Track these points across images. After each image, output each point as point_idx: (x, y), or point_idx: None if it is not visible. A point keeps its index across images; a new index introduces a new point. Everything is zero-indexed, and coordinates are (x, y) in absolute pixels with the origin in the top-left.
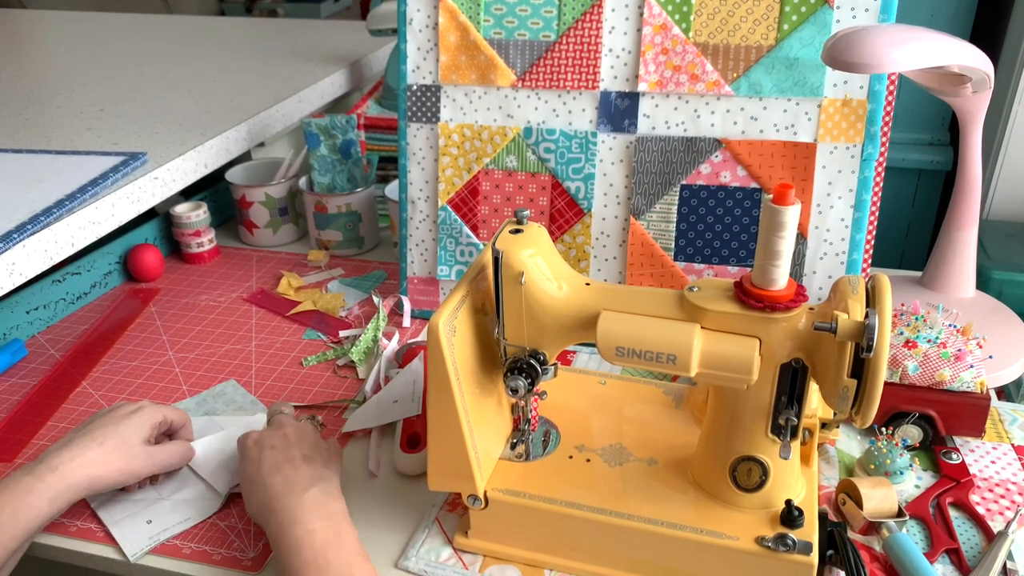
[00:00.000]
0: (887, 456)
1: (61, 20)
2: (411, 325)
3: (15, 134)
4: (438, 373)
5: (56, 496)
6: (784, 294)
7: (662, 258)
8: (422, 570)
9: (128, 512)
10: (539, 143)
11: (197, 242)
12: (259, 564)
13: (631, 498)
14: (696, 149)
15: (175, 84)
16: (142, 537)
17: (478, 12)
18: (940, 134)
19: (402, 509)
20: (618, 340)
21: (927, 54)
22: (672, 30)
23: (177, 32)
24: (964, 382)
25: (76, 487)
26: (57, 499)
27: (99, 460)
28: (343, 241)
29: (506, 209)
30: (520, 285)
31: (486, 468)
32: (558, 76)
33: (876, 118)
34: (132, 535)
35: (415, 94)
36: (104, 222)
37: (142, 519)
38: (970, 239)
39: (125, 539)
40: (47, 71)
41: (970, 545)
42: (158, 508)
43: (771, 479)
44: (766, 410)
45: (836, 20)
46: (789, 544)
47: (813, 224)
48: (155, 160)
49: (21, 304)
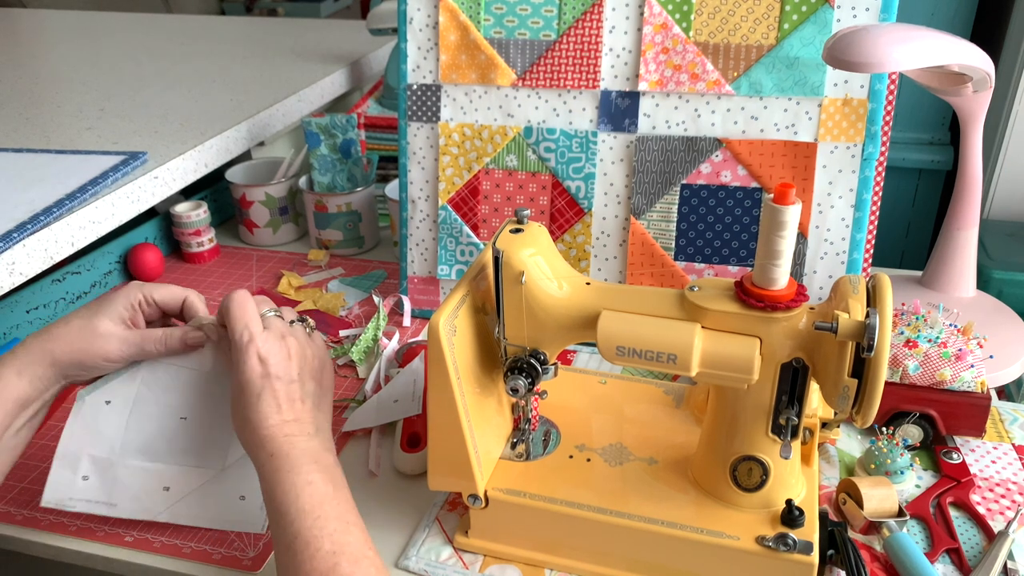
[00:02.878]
0: (888, 456)
1: (61, 19)
2: (411, 325)
3: (15, 133)
4: (438, 373)
5: (23, 369)
6: (785, 294)
7: (662, 258)
8: (422, 570)
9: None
10: (539, 142)
11: (197, 241)
12: (259, 564)
13: (631, 498)
14: (696, 148)
15: (175, 83)
16: (64, 490)
17: (478, 11)
18: (940, 134)
19: (402, 509)
20: (618, 340)
21: (928, 53)
22: (672, 29)
23: (177, 31)
24: (965, 382)
25: (40, 360)
26: (24, 372)
27: (59, 335)
28: (343, 240)
29: (506, 209)
30: (520, 285)
31: (486, 468)
32: (558, 75)
33: (876, 117)
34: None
35: (415, 93)
36: (104, 221)
37: (83, 470)
38: (970, 239)
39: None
40: (47, 70)
41: (971, 545)
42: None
43: (771, 479)
44: (766, 410)
45: (837, 19)
46: (789, 544)
47: (813, 224)
48: (155, 159)
49: (21, 304)
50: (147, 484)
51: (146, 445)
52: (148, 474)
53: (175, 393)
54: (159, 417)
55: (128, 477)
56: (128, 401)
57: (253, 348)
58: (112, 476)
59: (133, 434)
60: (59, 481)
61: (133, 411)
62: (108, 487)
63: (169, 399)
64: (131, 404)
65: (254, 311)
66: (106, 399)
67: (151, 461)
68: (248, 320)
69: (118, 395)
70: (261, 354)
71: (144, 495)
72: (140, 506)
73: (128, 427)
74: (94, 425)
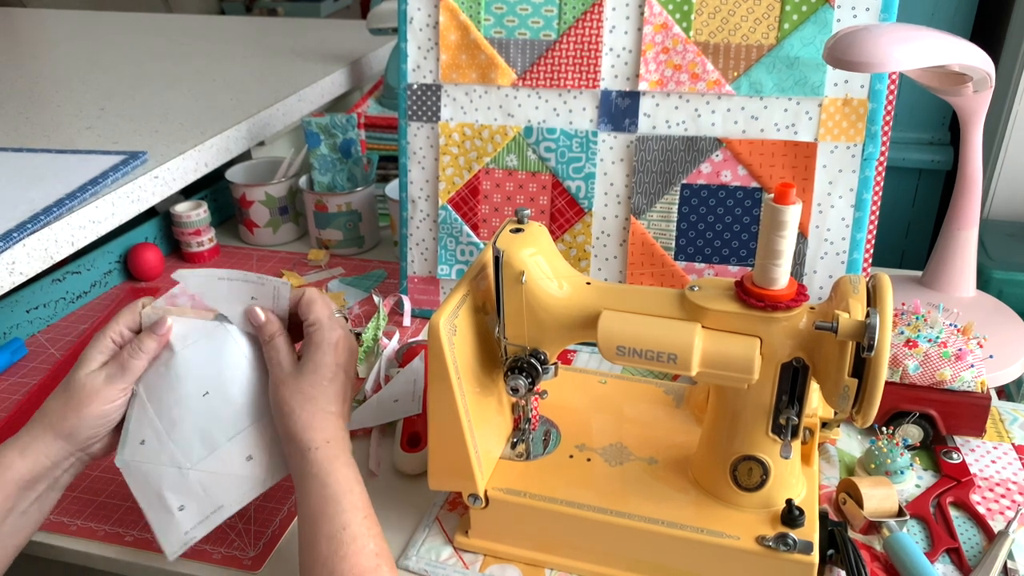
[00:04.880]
0: (888, 455)
1: (61, 19)
2: (411, 324)
3: (15, 133)
4: (438, 372)
5: (26, 447)
6: (785, 293)
7: (663, 257)
8: (423, 569)
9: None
10: (539, 142)
11: (197, 241)
12: (259, 564)
13: (631, 497)
14: (697, 148)
15: (175, 83)
16: (177, 531)
17: (478, 11)
18: (941, 133)
19: (402, 508)
20: (619, 339)
21: (928, 53)
22: (673, 29)
23: (177, 31)
24: (965, 381)
25: (42, 436)
26: (28, 450)
27: (52, 407)
28: (343, 240)
29: (506, 208)
30: (521, 284)
31: (486, 467)
32: (559, 75)
33: (877, 117)
34: (169, 530)
35: (415, 93)
36: (104, 221)
37: (175, 503)
38: (971, 238)
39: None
40: (47, 70)
41: (971, 545)
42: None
43: (772, 478)
44: (767, 409)
45: (837, 19)
46: (790, 543)
47: (814, 223)
48: (155, 159)
49: (21, 303)
50: (227, 468)
51: (200, 436)
52: (221, 460)
53: (188, 380)
54: (188, 408)
55: (207, 477)
56: (150, 419)
57: (340, 337)
58: (196, 485)
59: (178, 436)
60: (165, 528)
61: (162, 420)
62: (202, 497)
63: (186, 388)
64: (155, 418)
65: None
66: (141, 439)
67: (213, 449)
68: (332, 311)
69: (141, 424)
70: (344, 345)
71: (231, 478)
72: (241, 488)
73: (168, 434)
74: (146, 460)
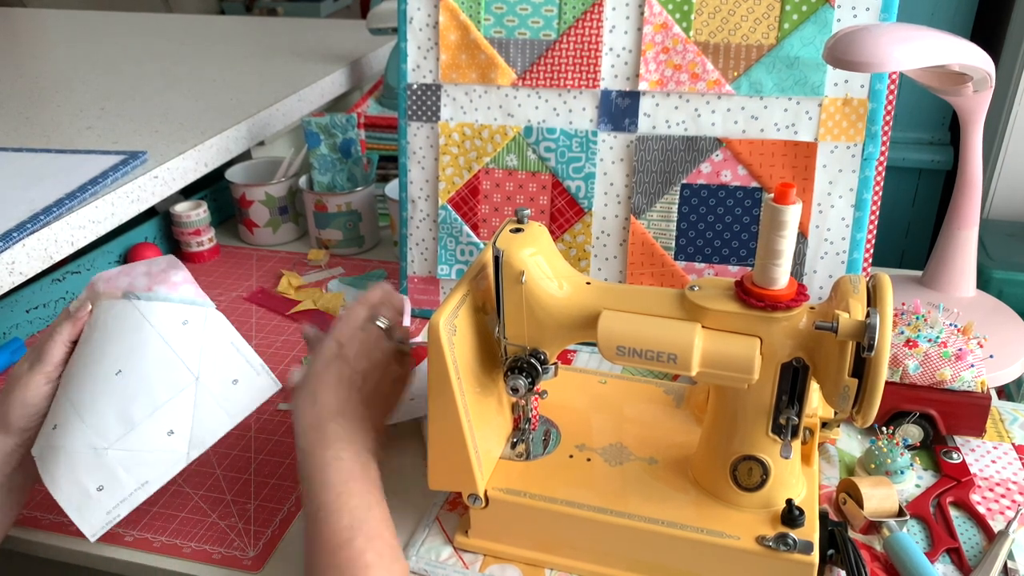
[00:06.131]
0: (888, 455)
1: (61, 18)
2: (411, 324)
3: (15, 132)
4: (438, 372)
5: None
6: (785, 293)
7: (663, 257)
8: (423, 569)
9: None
10: (539, 142)
11: (197, 241)
12: (259, 564)
13: (631, 497)
14: (697, 148)
15: (175, 83)
16: (98, 511)
17: (478, 11)
18: (941, 133)
19: (402, 508)
20: (619, 339)
21: (928, 53)
22: (673, 29)
23: (177, 31)
24: (965, 381)
25: None
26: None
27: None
28: (343, 240)
29: (506, 208)
30: (521, 284)
31: (486, 467)
32: (558, 75)
33: (877, 117)
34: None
35: (415, 93)
36: (104, 221)
37: (92, 484)
38: (971, 238)
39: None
40: (47, 70)
41: (971, 545)
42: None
43: (772, 478)
44: (767, 409)
45: (837, 19)
46: (790, 543)
47: (814, 223)
48: (155, 159)
49: (21, 303)
50: (148, 445)
51: (117, 415)
52: (141, 437)
53: (101, 359)
54: (102, 388)
55: (126, 455)
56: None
57: (330, 346)
58: (115, 464)
59: (92, 417)
60: (81, 510)
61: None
62: (123, 476)
63: (99, 368)
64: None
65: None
66: (53, 424)
67: (132, 427)
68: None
69: (55, 409)
70: (339, 338)
71: (153, 454)
72: (165, 462)
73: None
74: (59, 444)
